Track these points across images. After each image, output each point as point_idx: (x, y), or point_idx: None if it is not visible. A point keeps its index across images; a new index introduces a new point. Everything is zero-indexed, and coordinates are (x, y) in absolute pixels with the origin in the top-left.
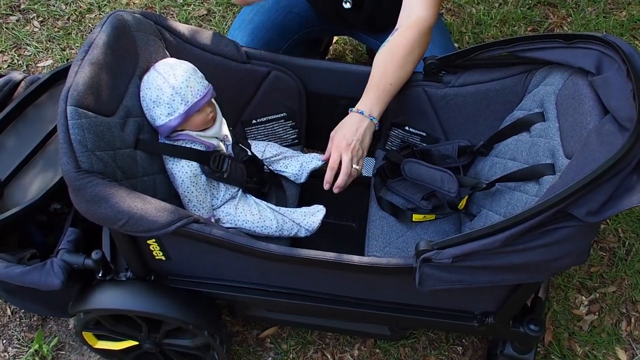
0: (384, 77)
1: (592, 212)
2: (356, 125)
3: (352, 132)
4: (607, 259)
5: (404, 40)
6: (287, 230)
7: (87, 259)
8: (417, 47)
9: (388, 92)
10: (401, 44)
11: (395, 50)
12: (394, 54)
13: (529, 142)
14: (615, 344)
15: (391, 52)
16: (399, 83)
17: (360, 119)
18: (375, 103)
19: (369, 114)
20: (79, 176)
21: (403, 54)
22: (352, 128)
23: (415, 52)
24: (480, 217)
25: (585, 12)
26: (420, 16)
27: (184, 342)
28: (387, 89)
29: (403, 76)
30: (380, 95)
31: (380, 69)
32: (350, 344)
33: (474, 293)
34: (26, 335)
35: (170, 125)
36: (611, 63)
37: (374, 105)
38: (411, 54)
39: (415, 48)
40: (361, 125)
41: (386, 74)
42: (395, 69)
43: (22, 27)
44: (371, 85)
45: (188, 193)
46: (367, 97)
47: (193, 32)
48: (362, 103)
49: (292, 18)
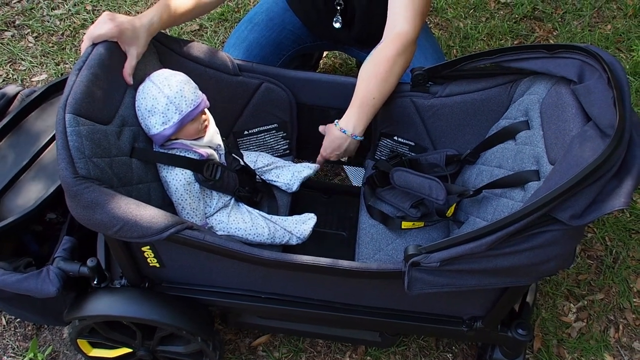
0: (367, 91)
1: (575, 215)
2: (339, 142)
3: (334, 149)
4: (595, 266)
5: (387, 54)
6: (279, 238)
7: (82, 267)
8: (399, 60)
9: (372, 106)
10: (384, 59)
11: (379, 64)
12: (377, 68)
13: (515, 149)
14: (603, 351)
15: (374, 66)
16: (382, 96)
17: (344, 138)
18: (359, 119)
19: (352, 133)
20: (76, 182)
21: (386, 68)
22: (335, 145)
23: (398, 64)
24: (468, 223)
25: (571, 25)
26: (403, 30)
27: (177, 348)
28: (371, 103)
29: (387, 89)
30: (364, 110)
31: (364, 83)
32: (341, 352)
33: (462, 297)
34: (21, 344)
35: (164, 134)
36: (592, 72)
37: (358, 122)
38: (393, 67)
39: (398, 61)
40: (344, 143)
41: (369, 89)
42: (378, 83)
43: (17, 42)
44: (355, 99)
45: (182, 201)
46: (351, 113)
47: (186, 45)
48: (345, 119)
49: (286, 35)
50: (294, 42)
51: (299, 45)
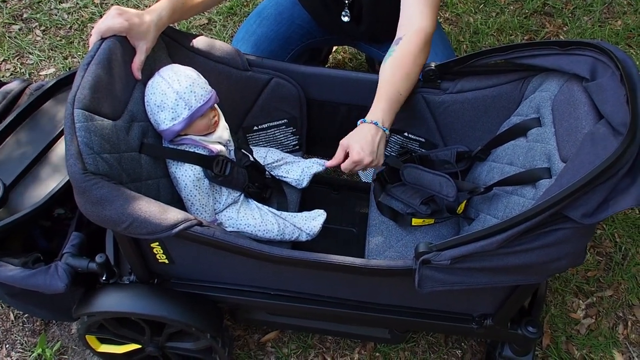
0: (393, 86)
1: (587, 214)
2: (373, 136)
3: (369, 144)
4: (604, 263)
5: (409, 51)
6: (289, 234)
7: (91, 263)
8: (420, 56)
9: (398, 102)
10: (406, 54)
11: (402, 60)
12: (401, 64)
13: (526, 147)
14: (612, 347)
15: (398, 62)
16: (407, 93)
17: (376, 130)
18: (387, 113)
19: (382, 125)
20: (85, 178)
21: (409, 63)
22: (369, 139)
23: (419, 61)
24: (479, 221)
25: (581, 21)
26: (422, 26)
27: (186, 345)
28: (397, 98)
29: (410, 85)
30: (391, 106)
31: (389, 79)
32: (350, 348)
33: (473, 295)
34: (29, 340)
35: (174, 129)
36: (605, 69)
37: (386, 116)
38: (415, 63)
39: (419, 57)
40: (377, 136)
41: (395, 84)
42: (402, 79)
43: (24, 36)
44: (381, 95)
45: (191, 197)
46: (378, 107)
47: (195, 39)
48: (374, 114)
49: (295, 29)
50: (302, 36)
51: (308, 40)
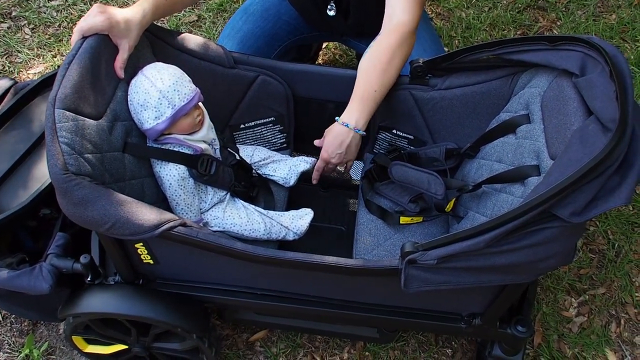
0: (368, 84)
1: (576, 212)
2: (341, 138)
3: (336, 147)
4: (597, 260)
5: (386, 46)
6: (275, 233)
7: (75, 264)
8: (399, 52)
9: (373, 100)
10: (383, 50)
11: (378, 56)
12: (377, 60)
13: (515, 144)
14: (604, 346)
15: (374, 58)
16: (383, 89)
17: (346, 132)
18: (361, 113)
19: (354, 127)
20: (66, 178)
21: (386, 59)
22: (337, 142)
23: (398, 56)
24: (467, 219)
25: (575, 15)
26: (402, 20)
27: (173, 345)
28: (372, 96)
29: (388, 81)
30: (366, 104)
31: (364, 77)
32: (339, 347)
33: (461, 294)
34: (17, 340)
35: (157, 129)
36: (595, 64)
37: (360, 116)
38: (394, 58)
39: (398, 52)
40: (347, 138)
41: (370, 81)
42: (378, 75)
43: (13, 34)
44: (356, 94)
45: (176, 196)
46: (352, 107)
47: (180, 37)
48: (347, 113)
49: (281, 26)
50: (289, 33)
51: (295, 36)
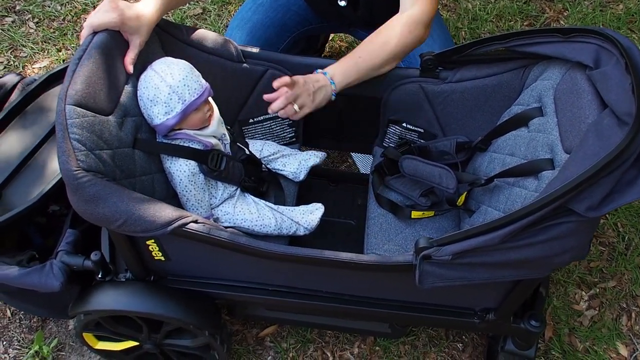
0: (356, 52)
1: (592, 207)
2: (316, 79)
3: (310, 80)
4: (607, 253)
5: (390, 24)
6: (286, 228)
7: (86, 260)
8: (402, 32)
9: (355, 64)
10: (385, 26)
11: (379, 32)
12: (377, 35)
13: (528, 137)
14: (616, 339)
15: (375, 33)
16: (369, 61)
17: (322, 78)
18: (341, 71)
19: (330, 77)
20: (77, 175)
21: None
22: (312, 79)
23: (398, 37)
24: (480, 213)
25: (582, 5)
26: (409, 12)
27: (184, 342)
28: (355, 60)
29: (377, 55)
30: (347, 67)
31: (361, 45)
32: (350, 342)
33: (475, 290)
34: (26, 337)
35: (167, 124)
36: (609, 57)
37: (339, 73)
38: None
39: (399, 33)
40: (320, 81)
41: (358, 51)
42: (367, 46)
43: (17, 28)
44: (343, 58)
45: (186, 192)
46: (334, 65)
47: (189, 31)
48: (328, 67)
49: (291, 16)
50: (299, 23)
51: (304, 27)
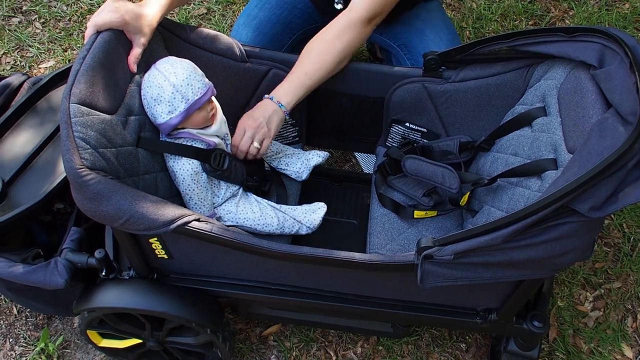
0: (301, 65)
1: (595, 207)
2: (264, 108)
3: (258, 114)
4: (612, 254)
5: (330, 31)
6: (289, 228)
7: (90, 258)
8: (342, 37)
9: (301, 82)
10: (325, 34)
11: (318, 39)
12: (317, 42)
13: (531, 137)
14: (620, 341)
15: (315, 41)
16: (316, 74)
17: (269, 104)
18: (288, 92)
19: (277, 101)
20: (81, 173)
21: (325, 43)
22: (260, 111)
23: (340, 41)
24: (482, 213)
25: (588, 5)
26: (352, 7)
27: (187, 339)
28: (302, 79)
29: (322, 66)
30: (294, 85)
31: (302, 58)
32: (353, 342)
33: (477, 290)
34: (32, 334)
35: (171, 123)
36: (614, 56)
37: (286, 94)
38: (333, 43)
39: (341, 37)
40: (268, 109)
41: (303, 63)
42: (314, 59)
43: (24, 28)
44: (290, 74)
45: (189, 191)
46: (281, 86)
47: (192, 31)
48: (275, 90)
49: (296, 14)
50: (304, 21)
51: (310, 25)
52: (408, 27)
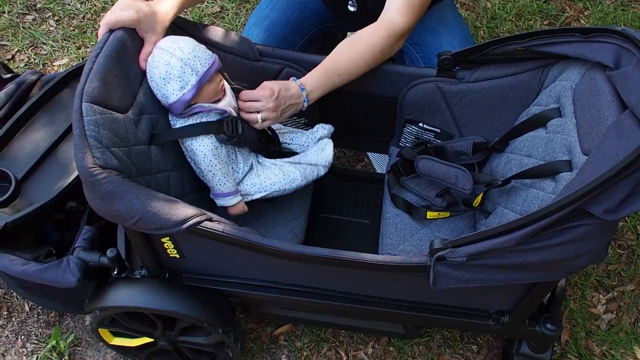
0: (336, 65)
1: (610, 209)
2: (288, 96)
3: (282, 99)
4: (626, 256)
5: (367, 35)
6: (310, 175)
7: (102, 257)
8: (378, 48)
9: (332, 82)
10: (364, 41)
11: (356, 44)
12: (353, 48)
13: (545, 138)
14: (633, 344)
15: (351, 45)
16: (346, 77)
17: (296, 95)
18: (317, 86)
19: (306, 95)
20: (93, 172)
21: (361, 50)
22: (284, 97)
23: (374, 52)
24: (496, 214)
25: (603, 4)
26: (392, 20)
27: (198, 339)
28: (333, 78)
29: (353, 71)
30: (325, 81)
31: (336, 57)
32: (364, 342)
33: (490, 292)
34: (44, 332)
35: (184, 99)
36: (630, 57)
37: (316, 86)
38: (369, 53)
39: (377, 48)
40: (292, 98)
41: (339, 63)
42: (347, 62)
43: (38, 26)
44: (322, 66)
45: (212, 167)
46: (313, 76)
47: (205, 29)
48: (306, 79)
49: (308, 14)
50: (316, 21)
51: (321, 25)
52: (421, 25)
